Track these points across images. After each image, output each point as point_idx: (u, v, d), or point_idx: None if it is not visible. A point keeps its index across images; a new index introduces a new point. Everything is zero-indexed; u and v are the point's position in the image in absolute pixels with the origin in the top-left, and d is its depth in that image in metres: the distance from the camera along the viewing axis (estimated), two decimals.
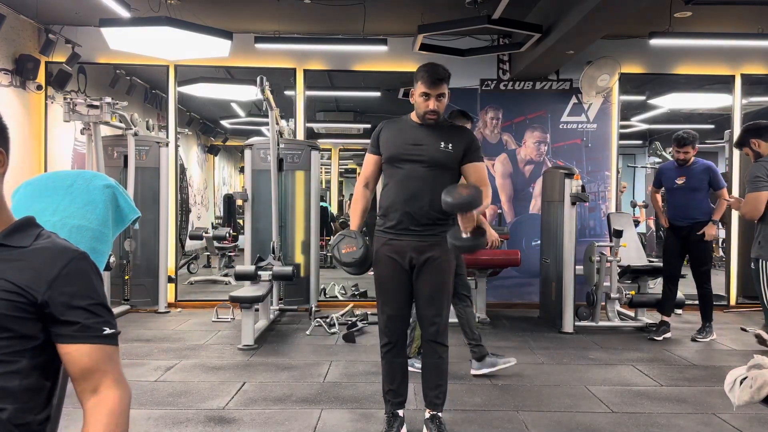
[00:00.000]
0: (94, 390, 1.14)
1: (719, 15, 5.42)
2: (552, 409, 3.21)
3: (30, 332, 1.11)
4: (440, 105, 2.63)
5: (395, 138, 2.69)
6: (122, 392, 1.16)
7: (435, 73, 2.59)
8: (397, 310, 2.73)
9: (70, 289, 1.12)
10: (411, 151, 2.64)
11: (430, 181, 2.61)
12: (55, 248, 1.16)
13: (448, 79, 2.65)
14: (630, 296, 5.17)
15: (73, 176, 1.90)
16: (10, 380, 1.08)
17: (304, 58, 6.13)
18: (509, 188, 6.25)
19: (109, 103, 5.05)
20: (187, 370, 3.86)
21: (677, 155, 4.80)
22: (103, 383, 1.14)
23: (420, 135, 2.67)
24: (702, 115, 9.10)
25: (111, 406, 1.13)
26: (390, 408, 2.82)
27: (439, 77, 2.59)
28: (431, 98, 2.60)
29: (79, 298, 1.13)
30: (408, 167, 2.62)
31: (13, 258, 1.13)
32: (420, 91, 2.63)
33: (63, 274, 1.12)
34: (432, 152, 2.63)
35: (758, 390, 1.70)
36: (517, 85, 6.16)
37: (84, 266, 1.17)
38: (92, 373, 1.13)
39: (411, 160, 2.63)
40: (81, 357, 1.12)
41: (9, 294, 1.09)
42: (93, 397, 1.14)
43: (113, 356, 1.17)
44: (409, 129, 2.71)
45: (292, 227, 5.77)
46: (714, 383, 3.69)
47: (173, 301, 6.08)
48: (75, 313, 1.12)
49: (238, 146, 13.28)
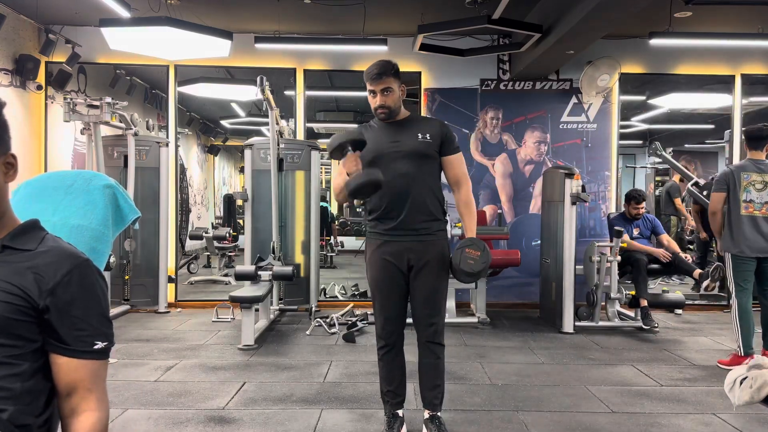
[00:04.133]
0: (74, 409, 1.14)
1: (719, 15, 5.42)
2: (552, 409, 3.21)
3: (31, 336, 1.10)
4: (388, 99, 2.63)
5: (373, 141, 2.67)
6: (101, 414, 1.16)
7: (374, 69, 2.61)
8: (394, 312, 2.72)
9: (69, 297, 1.12)
10: (392, 149, 2.63)
11: (417, 175, 2.61)
12: (60, 253, 1.15)
13: (394, 72, 2.64)
14: (630, 296, 5.17)
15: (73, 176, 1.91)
16: (12, 382, 1.08)
17: (304, 58, 6.13)
18: (509, 188, 6.25)
19: (109, 103, 5.06)
20: (187, 370, 3.86)
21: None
22: (85, 402, 1.14)
23: (396, 132, 2.68)
24: (702, 115, 9.09)
25: (89, 429, 1.14)
26: (389, 408, 2.81)
27: (378, 72, 2.60)
28: (377, 94, 2.62)
29: (78, 308, 1.13)
30: (393, 166, 2.61)
31: (18, 261, 1.12)
32: (368, 90, 2.65)
33: (65, 281, 1.12)
34: (412, 144, 2.63)
35: (758, 390, 1.70)
36: (517, 85, 6.16)
37: (88, 273, 1.16)
38: (77, 390, 1.14)
39: (394, 157, 2.62)
40: (68, 371, 1.13)
41: (12, 297, 1.08)
42: (74, 417, 1.14)
43: (100, 372, 1.17)
44: (384, 130, 2.71)
45: (292, 227, 5.77)
46: (714, 383, 3.69)
47: (173, 301, 6.08)
48: (70, 322, 1.12)
49: (238, 146, 13.27)
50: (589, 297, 5.20)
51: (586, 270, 5.22)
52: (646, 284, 5.13)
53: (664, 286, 6.79)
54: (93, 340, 1.14)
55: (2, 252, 1.13)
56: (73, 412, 1.14)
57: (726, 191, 4.02)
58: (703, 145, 11.45)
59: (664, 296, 5.43)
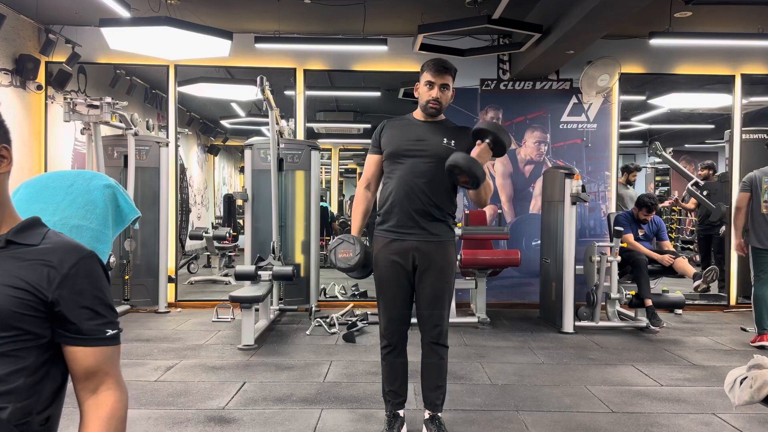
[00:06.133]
0: (94, 390, 1.16)
1: (719, 15, 5.42)
2: (552, 409, 3.21)
3: (38, 330, 1.11)
4: (443, 96, 2.65)
5: (398, 135, 2.69)
6: (121, 394, 1.19)
7: (441, 63, 2.64)
8: (399, 312, 2.72)
9: (78, 288, 1.13)
10: (414, 147, 2.64)
11: (432, 177, 2.61)
12: (65, 247, 1.16)
13: (454, 73, 2.68)
14: (630, 296, 5.17)
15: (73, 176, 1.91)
16: (16, 378, 1.08)
17: (304, 58, 6.13)
18: (509, 188, 6.25)
19: (109, 103, 5.06)
20: (187, 370, 3.86)
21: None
22: (104, 384, 1.17)
23: (423, 131, 2.68)
24: (702, 115, 9.09)
25: (110, 408, 1.16)
26: (390, 408, 2.81)
27: (444, 66, 2.64)
28: (435, 87, 2.63)
29: (87, 298, 1.14)
30: (410, 162, 2.62)
31: (23, 256, 1.13)
32: (425, 80, 2.66)
33: (72, 273, 1.13)
34: (435, 148, 2.63)
35: (758, 390, 1.70)
36: (517, 85, 6.16)
37: (93, 265, 1.17)
38: (94, 374, 1.16)
39: (413, 155, 2.62)
40: (85, 358, 1.14)
41: (19, 291, 1.09)
42: (92, 397, 1.16)
43: (114, 357, 1.19)
44: (413, 126, 2.72)
45: (292, 227, 5.77)
46: (714, 383, 3.69)
47: (173, 301, 6.08)
48: (82, 313, 1.13)
49: (238, 146, 13.29)
50: (589, 297, 5.20)
51: (586, 270, 5.22)
52: (649, 284, 5.12)
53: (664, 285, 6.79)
54: (105, 328, 1.16)
55: (6, 247, 1.14)
56: (93, 392, 1.16)
57: (750, 192, 4.66)
58: (703, 145, 11.44)
59: (664, 296, 5.43)
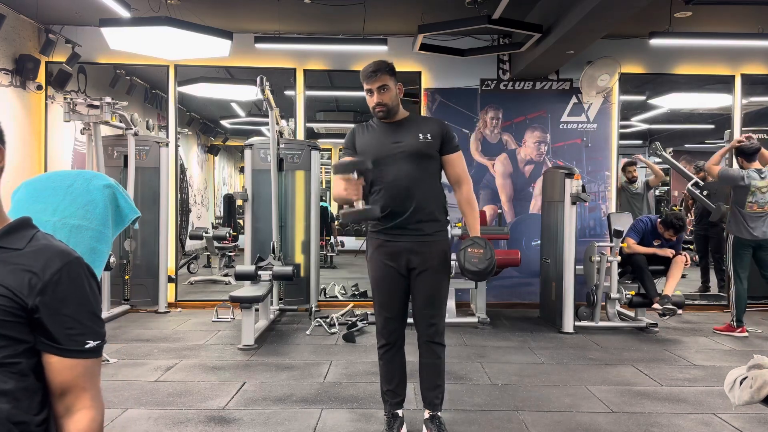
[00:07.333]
0: (69, 408, 1.13)
1: (719, 15, 5.42)
2: (552, 409, 3.21)
3: (22, 336, 1.09)
4: (385, 97, 2.64)
5: (374, 141, 2.68)
6: (96, 413, 1.15)
7: (369, 68, 2.63)
8: (395, 312, 2.72)
9: (60, 296, 1.10)
10: (394, 149, 2.63)
11: (419, 175, 2.61)
12: (49, 251, 1.13)
13: (389, 70, 2.65)
14: (630, 296, 5.17)
15: (73, 176, 1.91)
16: (6, 382, 1.06)
17: (304, 58, 6.13)
18: (509, 188, 6.25)
19: (109, 103, 5.05)
20: (187, 370, 3.86)
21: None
22: (80, 401, 1.13)
23: (397, 132, 2.68)
24: (702, 115, 9.09)
25: (84, 429, 1.13)
26: (389, 408, 2.81)
27: (373, 70, 2.62)
28: (374, 93, 2.63)
29: (69, 306, 1.11)
30: (395, 167, 2.61)
31: (7, 260, 1.10)
32: (365, 90, 2.67)
33: (55, 279, 1.10)
34: (413, 144, 2.63)
35: (758, 390, 1.70)
36: (517, 85, 6.16)
37: (78, 271, 1.14)
38: (71, 389, 1.13)
39: (396, 157, 2.62)
40: (62, 370, 1.11)
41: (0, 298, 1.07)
42: (67, 415, 1.13)
43: (94, 371, 1.16)
44: (384, 130, 2.71)
45: (292, 227, 5.77)
46: (714, 383, 3.69)
47: (173, 301, 6.08)
48: (62, 321, 1.10)
49: (238, 146, 13.27)
50: (589, 297, 5.20)
51: (586, 270, 5.22)
52: (653, 283, 5.07)
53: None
54: (85, 339, 1.13)
55: None
56: (68, 411, 1.13)
57: (741, 178, 4.86)
58: (703, 145, 11.44)
59: (665, 296, 5.41)
